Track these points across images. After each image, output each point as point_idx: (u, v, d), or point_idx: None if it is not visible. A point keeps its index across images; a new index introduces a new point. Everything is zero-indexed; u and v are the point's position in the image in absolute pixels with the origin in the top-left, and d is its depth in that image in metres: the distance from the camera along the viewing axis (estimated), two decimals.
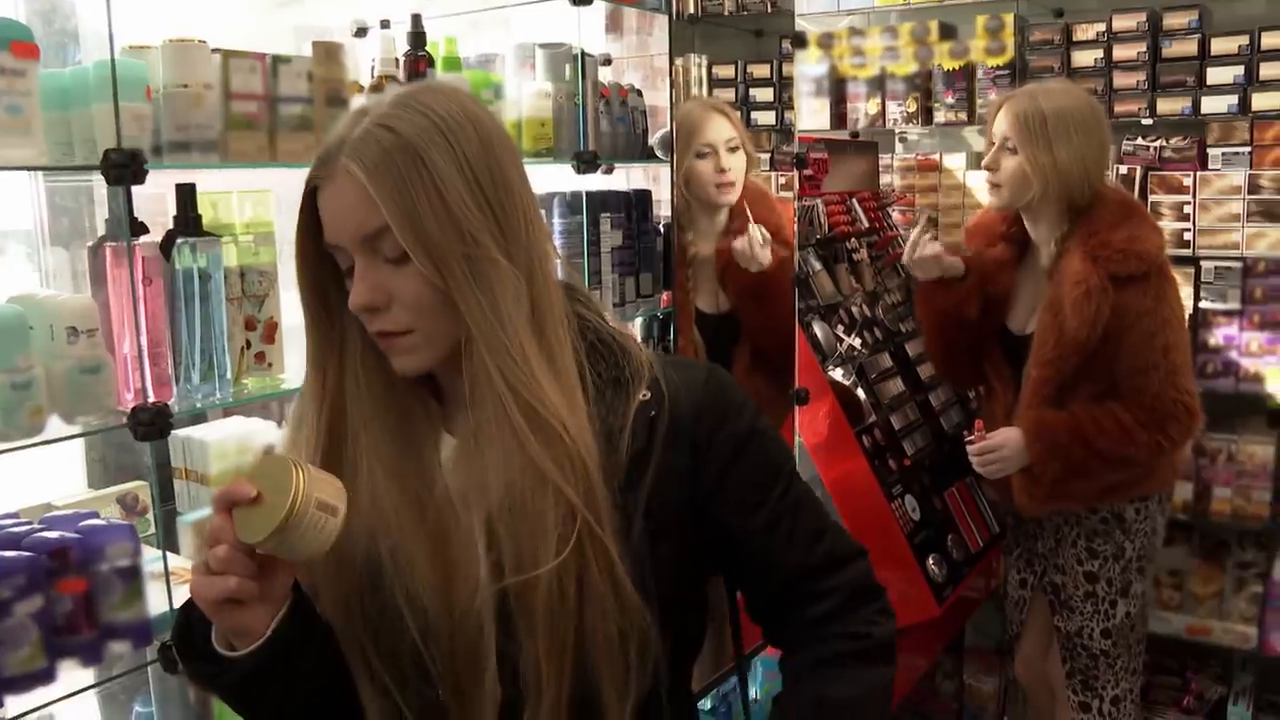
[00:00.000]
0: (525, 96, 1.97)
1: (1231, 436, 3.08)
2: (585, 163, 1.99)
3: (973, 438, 2.48)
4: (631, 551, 1.04)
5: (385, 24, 1.82)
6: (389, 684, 1.06)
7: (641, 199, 2.25)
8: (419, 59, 1.75)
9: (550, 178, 2.09)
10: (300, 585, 1.03)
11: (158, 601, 1.44)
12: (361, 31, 2.09)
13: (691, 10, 3.99)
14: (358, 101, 1.68)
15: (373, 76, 1.72)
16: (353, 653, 1.06)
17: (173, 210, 1.50)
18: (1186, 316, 2.49)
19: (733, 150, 2.46)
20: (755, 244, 2.38)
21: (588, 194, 2.06)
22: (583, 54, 2.05)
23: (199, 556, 1.01)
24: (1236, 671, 3.26)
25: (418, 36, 1.75)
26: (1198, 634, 3.16)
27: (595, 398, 1.06)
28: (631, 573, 1.03)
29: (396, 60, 1.73)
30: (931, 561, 2.68)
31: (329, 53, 1.60)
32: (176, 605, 1.45)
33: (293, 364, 1.64)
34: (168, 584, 1.45)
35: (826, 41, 3.64)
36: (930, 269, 2.55)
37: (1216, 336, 3.02)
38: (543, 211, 2.01)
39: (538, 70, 2.02)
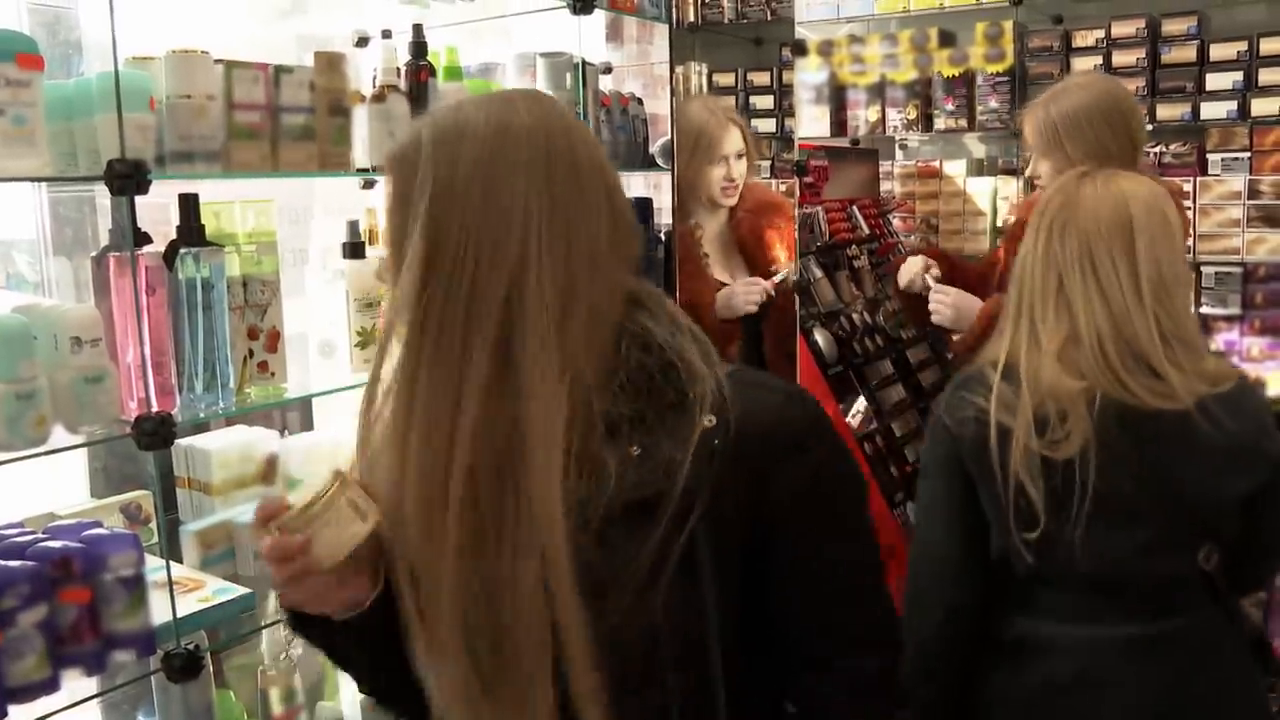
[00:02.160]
0: None
1: None
2: None
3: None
4: (680, 589, 0.97)
5: (387, 34, 1.83)
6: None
7: (643, 207, 2.26)
8: (420, 68, 1.75)
9: None
10: None
11: (161, 611, 1.44)
12: (363, 41, 2.10)
13: (692, 19, 4.02)
14: (359, 111, 1.69)
15: (374, 86, 1.72)
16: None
17: (176, 220, 1.51)
18: None
19: (740, 158, 2.65)
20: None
21: None
22: (583, 63, 2.05)
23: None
24: None
25: (419, 46, 1.76)
26: None
27: (653, 423, 0.98)
28: (675, 611, 0.97)
29: (398, 70, 1.74)
30: None
31: (331, 63, 1.60)
32: (180, 614, 1.46)
33: (295, 373, 1.65)
34: (171, 593, 1.45)
35: (826, 49, 3.65)
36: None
37: (1217, 342, 3.02)
38: None
39: (538, 79, 2.02)
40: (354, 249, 1.69)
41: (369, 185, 2.06)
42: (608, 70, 2.48)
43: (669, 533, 0.96)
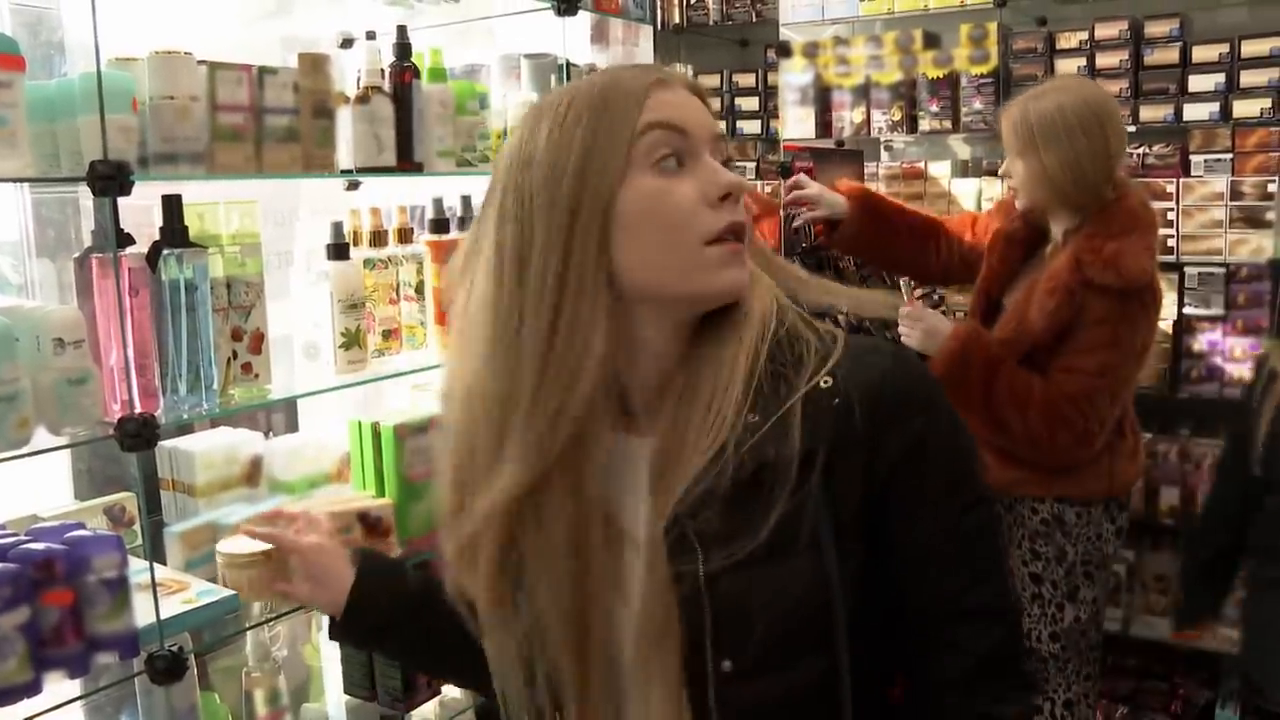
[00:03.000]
0: (511, 107, 1.97)
1: (1215, 442, 3.09)
2: None
3: (907, 302, 2.49)
4: (804, 559, 0.99)
5: (371, 35, 1.83)
6: None
7: None
8: (404, 70, 1.75)
9: None
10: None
11: (144, 613, 1.44)
12: (347, 43, 2.10)
13: (677, 21, 4.02)
14: (344, 113, 1.69)
15: (358, 87, 1.72)
16: None
17: (159, 221, 1.51)
18: (1149, 351, 2.46)
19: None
20: None
21: None
22: (568, 64, 2.05)
23: None
24: (1224, 675, 3.26)
25: (403, 47, 1.76)
26: (1184, 639, 3.16)
27: (767, 388, 1.00)
28: (800, 581, 0.99)
29: (382, 71, 1.74)
30: None
31: (315, 64, 1.60)
32: (164, 616, 1.45)
33: (279, 375, 1.65)
34: (154, 595, 1.45)
35: (811, 50, 3.66)
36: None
37: (1200, 342, 3.04)
38: None
39: (523, 80, 2.03)
40: (338, 250, 1.69)
41: (354, 187, 2.06)
42: (593, 72, 2.48)
43: (790, 498, 0.97)
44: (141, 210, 1.53)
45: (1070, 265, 2.30)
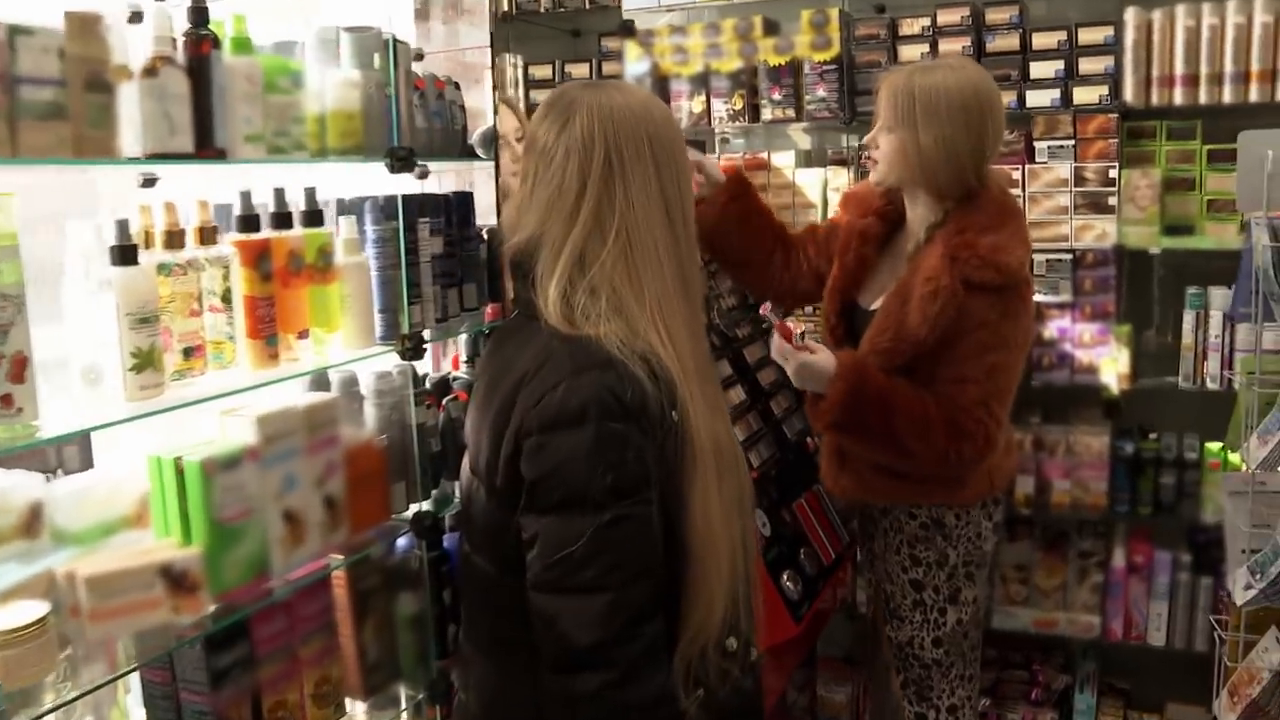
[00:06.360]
0: (330, 87, 1.72)
1: (1068, 428, 3.09)
2: (400, 160, 1.75)
3: (776, 329, 2.27)
4: None
5: None
6: None
7: (463, 202, 2.03)
8: (202, 38, 1.48)
9: (359, 179, 1.84)
10: None
11: None
12: (137, 16, 1.79)
13: (505, 8, 3.79)
14: (127, 88, 1.40)
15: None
16: None
17: None
18: (1031, 339, 2.42)
19: (520, 140, 2.40)
20: None
21: (405, 197, 1.82)
22: (394, 39, 1.81)
23: None
24: (1079, 659, 3.29)
25: (199, 11, 1.48)
26: (1044, 627, 3.16)
27: None
28: None
29: (173, 40, 1.46)
30: (786, 578, 2.55)
31: (85, 25, 1.31)
32: None
33: (53, 407, 1.35)
34: None
35: (647, 39, 3.50)
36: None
37: (1050, 329, 3.02)
38: (353, 218, 1.79)
39: (343, 57, 1.77)
40: (124, 254, 1.40)
41: (149, 183, 1.76)
42: (419, 57, 2.24)
43: None
44: None
45: (945, 264, 2.19)
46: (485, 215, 2.16)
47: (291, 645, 1.70)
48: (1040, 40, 3.02)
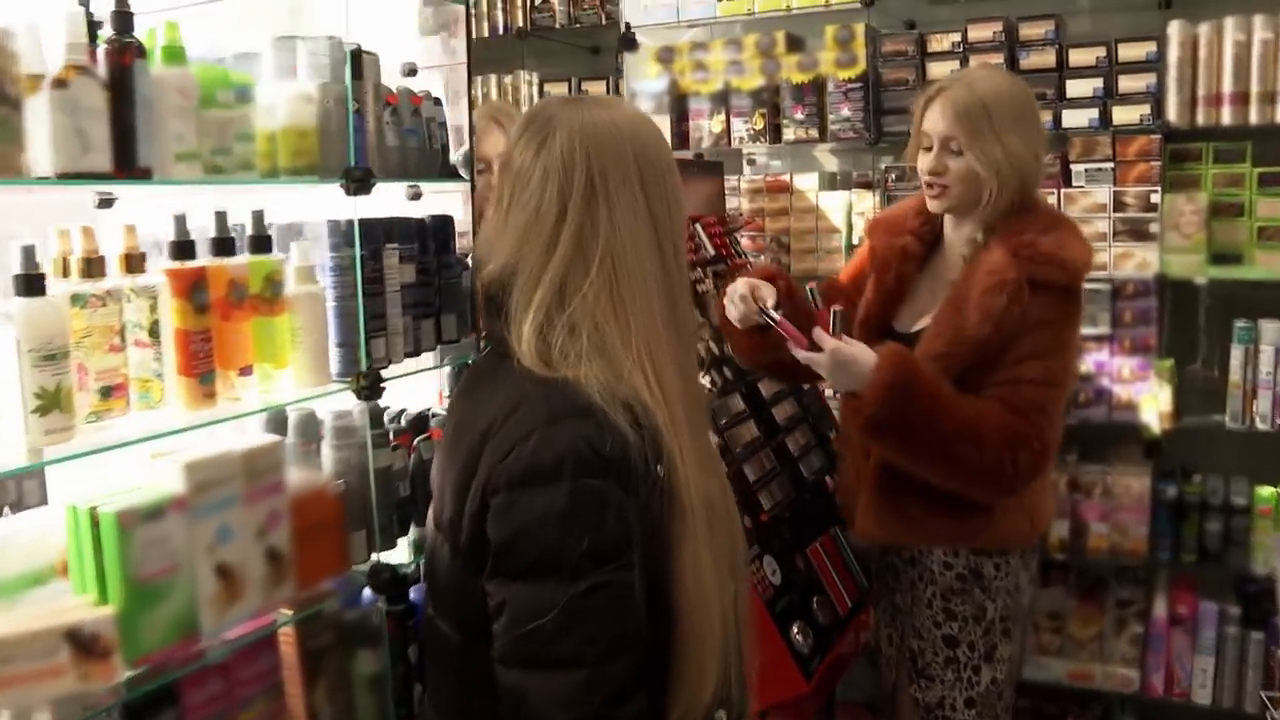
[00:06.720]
0: (282, 101, 1.58)
1: (1106, 468, 2.90)
2: (355, 181, 1.61)
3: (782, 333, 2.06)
4: None
5: (83, 1, 1.43)
6: None
7: (441, 226, 1.88)
8: (125, 48, 1.34)
9: (327, 202, 1.70)
10: None
11: None
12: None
13: (520, 24, 3.68)
14: (35, 101, 1.27)
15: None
16: None
17: None
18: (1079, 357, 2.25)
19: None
20: None
21: (367, 222, 1.68)
22: (359, 49, 1.68)
23: None
24: (1117, 713, 3.08)
25: (123, 17, 1.35)
26: (1079, 679, 2.97)
27: None
28: None
29: (92, 50, 1.33)
30: (796, 631, 2.36)
31: None
32: None
33: None
34: None
35: (665, 55, 3.36)
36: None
37: (1088, 363, 2.83)
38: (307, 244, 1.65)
39: (299, 69, 1.64)
40: (29, 284, 1.27)
41: (106, 204, 1.63)
42: (412, 72, 2.11)
43: None
44: None
45: (1009, 259, 2.01)
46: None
47: (230, 710, 1.55)
48: (1078, 56, 2.85)
